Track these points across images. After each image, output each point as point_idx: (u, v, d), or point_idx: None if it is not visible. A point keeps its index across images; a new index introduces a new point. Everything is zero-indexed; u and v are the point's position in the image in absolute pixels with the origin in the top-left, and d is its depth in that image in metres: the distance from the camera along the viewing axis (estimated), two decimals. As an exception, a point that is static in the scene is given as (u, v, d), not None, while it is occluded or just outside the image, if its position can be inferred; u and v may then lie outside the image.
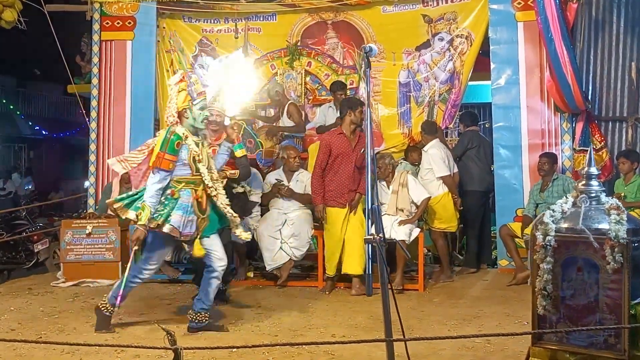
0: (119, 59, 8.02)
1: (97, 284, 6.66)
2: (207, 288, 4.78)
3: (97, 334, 4.79)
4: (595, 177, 3.27)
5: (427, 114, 7.65)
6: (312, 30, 8.12)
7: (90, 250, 6.80)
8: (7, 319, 5.32)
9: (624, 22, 6.96)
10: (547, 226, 3.18)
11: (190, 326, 4.79)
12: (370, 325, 4.94)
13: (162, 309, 5.66)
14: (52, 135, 23.04)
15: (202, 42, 8.28)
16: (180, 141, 4.53)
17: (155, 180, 4.52)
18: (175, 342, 2.51)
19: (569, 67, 6.47)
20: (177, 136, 4.53)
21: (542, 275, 3.20)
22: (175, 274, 6.77)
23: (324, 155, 6.10)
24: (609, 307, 3.10)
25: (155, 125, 8.17)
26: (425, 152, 6.88)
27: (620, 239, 3.01)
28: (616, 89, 7.02)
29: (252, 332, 4.87)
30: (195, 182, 4.64)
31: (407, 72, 7.80)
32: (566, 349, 3.22)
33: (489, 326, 4.92)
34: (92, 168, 8.02)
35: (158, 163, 4.51)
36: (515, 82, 7.21)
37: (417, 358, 4.07)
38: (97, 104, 8.03)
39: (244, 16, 8.15)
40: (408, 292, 6.16)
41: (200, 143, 4.67)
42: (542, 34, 6.57)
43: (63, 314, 5.47)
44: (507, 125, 7.24)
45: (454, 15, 7.64)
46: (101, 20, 8.02)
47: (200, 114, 4.63)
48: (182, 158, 4.57)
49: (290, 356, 4.20)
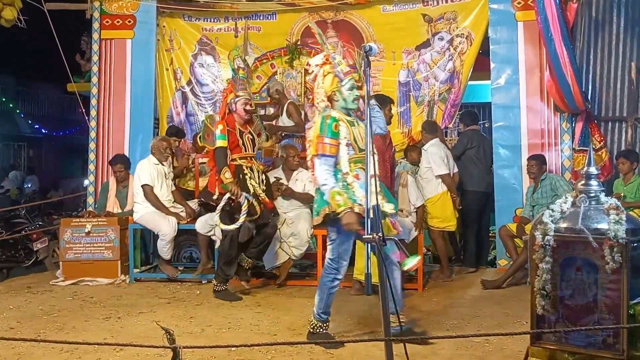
0: (118, 57, 8.01)
1: (96, 283, 6.67)
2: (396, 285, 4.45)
3: (96, 333, 4.79)
4: (594, 176, 3.27)
5: (427, 114, 7.66)
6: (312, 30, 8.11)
7: (89, 249, 6.80)
8: (6, 318, 5.33)
9: (624, 22, 6.96)
10: (546, 226, 3.18)
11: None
12: (369, 325, 4.95)
13: (162, 307, 5.65)
14: (51, 133, 23.04)
15: (202, 41, 8.28)
16: (337, 123, 4.33)
17: (323, 167, 4.30)
18: (174, 340, 2.51)
19: (568, 67, 6.47)
20: (333, 119, 4.35)
21: (541, 275, 3.20)
22: (174, 273, 6.77)
23: None
24: (608, 307, 3.10)
25: (155, 123, 8.18)
26: (424, 151, 6.88)
27: (619, 238, 3.01)
28: (616, 89, 7.02)
29: (251, 331, 4.87)
30: (362, 161, 4.31)
31: (406, 71, 7.81)
32: (565, 348, 3.22)
33: (488, 326, 4.93)
34: (92, 167, 8.01)
35: (321, 149, 4.32)
36: (515, 82, 7.21)
37: (416, 357, 4.07)
38: (96, 102, 8.02)
39: (244, 15, 8.14)
40: (407, 291, 6.15)
41: (355, 122, 4.48)
42: (542, 34, 6.57)
43: (62, 313, 5.47)
44: (506, 125, 7.24)
45: (454, 15, 7.64)
46: (101, 18, 8.00)
47: (350, 93, 4.43)
48: (344, 139, 4.35)
49: (289, 355, 4.20)
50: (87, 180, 8.09)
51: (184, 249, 7.34)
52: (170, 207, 6.87)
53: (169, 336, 2.49)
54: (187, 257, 7.37)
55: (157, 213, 6.76)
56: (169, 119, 8.24)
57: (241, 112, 5.87)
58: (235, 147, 5.87)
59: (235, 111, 5.88)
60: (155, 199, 6.77)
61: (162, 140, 7.00)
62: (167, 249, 6.74)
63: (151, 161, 6.89)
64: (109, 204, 7.35)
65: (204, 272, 6.66)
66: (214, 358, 4.14)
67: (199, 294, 6.16)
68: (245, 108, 5.86)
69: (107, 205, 7.35)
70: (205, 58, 8.29)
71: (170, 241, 6.74)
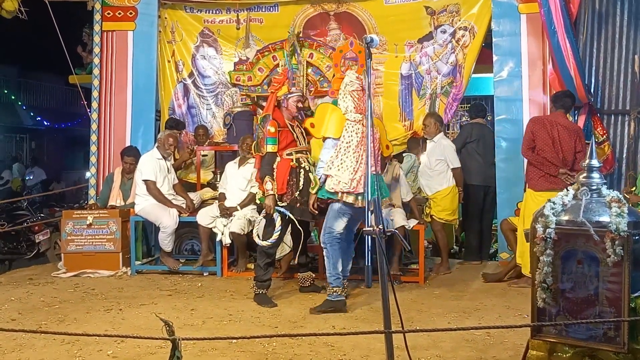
0: (120, 49, 7.99)
1: (98, 275, 6.68)
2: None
3: (97, 325, 4.80)
4: (596, 169, 3.25)
5: (429, 107, 7.63)
6: (314, 22, 8.09)
7: (91, 241, 6.81)
8: (8, 309, 5.34)
9: (627, 14, 6.91)
10: (548, 218, 3.16)
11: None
12: (370, 317, 4.95)
13: (163, 299, 5.66)
14: (53, 125, 23.04)
15: (203, 33, 8.26)
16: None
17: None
18: (174, 332, 2.51)
19: (571, 60, 6.44)
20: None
21: (541, 267, 3.19)
22: (175, 266, 6.77)
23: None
24: (609, 300, 3.08)
25: (156, 116, 8.18)
26: (434, 143, 6.83)
27: (621, 231, 3.00)
28: (619, 81, 6.99)
29: (252, 323, 4.88)
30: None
31: (409, 64, 7.78)
32: (565, 341, 3.21)
33: (489, 319, 4.93)
34: (93, 159, 8.00)
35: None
36: (517, 75, 7.18)
37: (417, 350, 4.08)
38: (98, 94, 8.00)
39: (245, 7, 8.11)
40: (409, 284, 6.16)
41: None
42: (545, 27, 6.54)
43: (64, 305, 5.49)
44: (509, 118, 7.22)
45: (456, 8, 7.60)
46: (102, 10, 7.98)
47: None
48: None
49: (289, 347, 4.21)
50: (89, 173, 8.10)
51: (185, 242, 7.35)
52: (172, 200, 6.88)
53: (168, 328, 2.49)
54: (188, 250, 7.37)
55: (159, 205, 6.76)
56: (171, 111, 8.22)
57: (293, 108, 5.63)
58: (291, 142, 5.58)
59: (286, 107, 5.63)
60: (159, 193, 6.77)
61: (170, 136, 6.99)
62: (168, 241, 6.75)
63: (154, 155, 6.89)
64: (112, 196, 7.35)
65: (204, 264, 6.66)
66: (215, 350, 4.15)
67: (200, 286, 6.17)
68: (297, 105, 5.66)
69: (111, 197, 7.35)
70: (207, 50, 8.27)
71: (172, 233, 6.75)
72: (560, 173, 5.66)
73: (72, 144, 22.49)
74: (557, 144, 5.74)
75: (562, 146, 5.74)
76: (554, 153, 5.74)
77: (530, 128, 5.89)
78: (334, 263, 5.20)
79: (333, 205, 5.22)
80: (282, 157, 5.50)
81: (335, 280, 5.16)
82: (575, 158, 5.70)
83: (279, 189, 5.43)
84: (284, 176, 5.45)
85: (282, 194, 5.44)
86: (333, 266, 5.20)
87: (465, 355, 4.09)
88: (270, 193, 5.39)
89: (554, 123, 5.80)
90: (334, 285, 5.16)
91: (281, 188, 5.43)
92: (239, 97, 7.82)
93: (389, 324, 2.99)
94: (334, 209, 5.21)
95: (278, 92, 5.65)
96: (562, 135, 5.75)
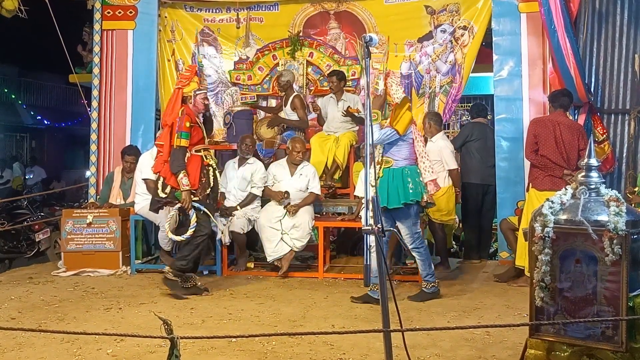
0: (120, 48, 8.00)
1: (98, 274, 6.68)
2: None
3: (97, 323, 4.80)
4: (595, 168, 3.25)
5: (428, 106, 7.64)
6: (314, 21, 8.10)
7: (90, 240, 6.82)
8: (8, 308, 5.35)
9: (628, 13, 6.91)
10: (546, 217, 3.17)
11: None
12: (369, 316, 4.95)
13: (163, 298, 5.67)
14: (54, 124, 23.05)
15: (203, 32, 8.27)
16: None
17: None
18: (172, 331, 2.51)
19: (571, 59, 6.44)
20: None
21: (540, 267, 3.19)
22: (175, 264, 6.77)
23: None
24: (607, 299, 3.09)
25: (156, 115, 8.18)
26: (432, 143, 6.84)
27: (619, 230, 3.00)
28: (619, 81, 6.99)
29: (252, 322, 4.88)
30: None
31: (409, 63, 7.79)
32: (563, 340, 3.21)
33: (489, 318, 4.93)
34: (93, 158, 8.01)
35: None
36: (517, 74, 7.19)
37: (416, 349, 4.08)
38: (98, 93, 8.01)
39: (245, 6, 8.12)
40: (408, 283, 6.16)
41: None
42: (545, 26, 6.54)
43: (63, 303, 5.49)
44: (509, 117, 7.22)
45: (456, 7, 7.61)
46: (102, 9, 7.99)
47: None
48: None
49: (289, 346, 4.21)
50: (89, 172, 8.10)
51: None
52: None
53: (166, 326, 2.50)
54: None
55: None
56: (171, 110, 8.22)
57: (200, 105, 5.75)
58: (201, 139, 5.77)
59: (193, 104, 5.73)
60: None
61: None
62: (167, 240, 6.73)
63: (154, 155, 6.87)
64: (112, 195, 7.35)
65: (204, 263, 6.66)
66: (214, 349, 4.15)
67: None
68: (205, 102, 5.79)
69: (111, 196, 7.35)
70: (207, 49, 8.27)
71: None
72: (565, 175, 5.66)
73: (72, 143, 22.51)
74: (560, 144, 5.75)
75: (565, 145, 5.75)
76: (557, 153, 5.75)
77: (532, 130, 5.91)
78: (429, 263, 5.52)
79: (412, 208, 5.40)
80: (191, 153, 5.67)
81: (432, 277, 5.51)
82: (578, 156, 5.70)
83: (192, 185, 5.61)
84: (196, 172, 5.65)
85: (195, 189, 5.63)
86: (429, 266, 5.51)
87: (464, 354, 4.10)
88: (186, 188, 5.57)
89: (556, 122, 5.80)
90: (432, 281, 5.51)
91: (194, 184, 5.62)
92: (238, 96, 7.83)
93: (388, 323, 2.99)
94: (415, 212, 5.45)
95: (185, 88, 5.75)
96: (565, 134, 5.77)
